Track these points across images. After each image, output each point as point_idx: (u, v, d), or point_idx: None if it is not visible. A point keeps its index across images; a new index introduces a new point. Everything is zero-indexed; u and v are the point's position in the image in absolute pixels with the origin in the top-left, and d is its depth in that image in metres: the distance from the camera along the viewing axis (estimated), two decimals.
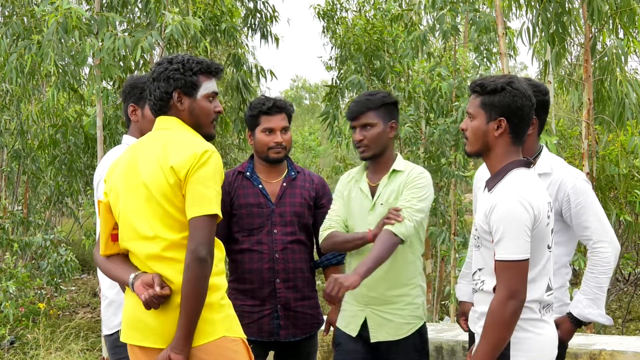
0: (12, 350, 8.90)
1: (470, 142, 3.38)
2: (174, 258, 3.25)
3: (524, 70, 33.82)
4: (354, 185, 4.36)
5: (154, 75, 3.46)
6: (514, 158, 3.32)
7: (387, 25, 11.40)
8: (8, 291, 9.28)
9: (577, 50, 12.20)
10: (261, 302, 4.52)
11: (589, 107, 7.70)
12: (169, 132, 3.42)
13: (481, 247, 3.34)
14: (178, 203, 3.25)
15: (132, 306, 3.38)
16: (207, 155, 3.26)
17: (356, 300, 4.28)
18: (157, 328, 3.29)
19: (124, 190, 3.40)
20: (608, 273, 3.83)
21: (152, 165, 3.32)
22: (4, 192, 13.67)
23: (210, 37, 10.68)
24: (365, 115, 4.21)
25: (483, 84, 3.33)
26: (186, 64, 3.43)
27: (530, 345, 3.26)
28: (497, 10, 7.75)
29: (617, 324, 10.53)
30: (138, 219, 3.34)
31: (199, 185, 3.22)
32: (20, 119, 11.75)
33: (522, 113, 3.29)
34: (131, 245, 3.38)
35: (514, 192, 3.20)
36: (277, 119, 4.55)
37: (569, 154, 10.24)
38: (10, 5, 10.77)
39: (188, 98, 3.43)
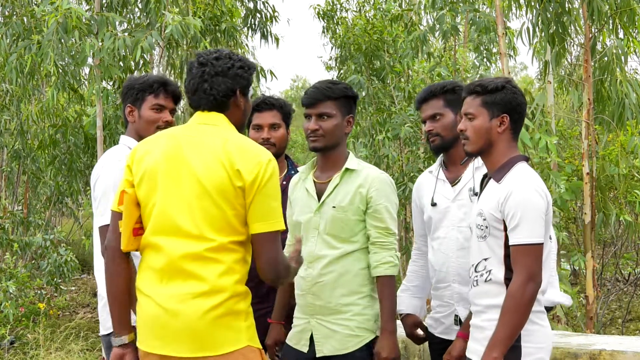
0: (12, 350, 8.90)
1: (473, 141, 3.48)
2: (216, 259, 3.14)
3: (524, 70, 33.85)
4: (301, 185, 4.08)
5: (218, 69, 3.32)
6: (516, 152, 3.48)
7: (387, 25, 11.42)
8: (8, 291, 9.28)
9: (577, 50, 12.20)
10: (261, 300, 4.28)
11: (589, 107, 7.70)
12: (221, 129, 3.30)
13: (488, 237, 3.40)
14: (238, 207, 3.16)
15: (153, 311, 3.18)
16: (272, 165, 3.21)
17: (302, 312, 3.99)
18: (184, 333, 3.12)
19: (166, 181, 3.22)
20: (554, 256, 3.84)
21: (210, 161, 3.18)
22: (4, 192, 13.66)
23: (210, 37, 10.69)
24: (324, 104, 3.92)
25: (483, 84, 3.47)
26: (247, 63, 3.39)
27: (539, 337, 3.36)
28: (497, 10, 7.75)
29: (617, 324, 10.53)
30: (181, 214, 3.17)
31: (269, 198, 3.17)
32: (20, 119, 11.76)
33: (521, 109, 3.49)
34: (163, 240, 3.20)
35: (528, 180, 3.36)
36: (265, 116, 4.46)
37: (569, 154, 10.25)
38: (10, 5, 10.77)
39: (244, 98, 3.38)
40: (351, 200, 3.88)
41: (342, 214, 3.88)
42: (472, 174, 3.91)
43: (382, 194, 3.90)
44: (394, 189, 4.01)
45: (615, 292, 11.39)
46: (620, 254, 12.02)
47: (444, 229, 3.98)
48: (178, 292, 3.13)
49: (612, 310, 11.37)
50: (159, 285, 3.18)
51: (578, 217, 11.19)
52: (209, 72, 3.32)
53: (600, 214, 8.29)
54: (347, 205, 3.88)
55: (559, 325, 7.83)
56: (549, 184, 6.99)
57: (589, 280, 7.71)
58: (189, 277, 3.13)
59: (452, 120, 3.91)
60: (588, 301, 7.70)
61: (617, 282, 12.04)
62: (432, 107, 3.97)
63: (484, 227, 3.42)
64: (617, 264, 12.06)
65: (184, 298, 3.11)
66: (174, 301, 3.12)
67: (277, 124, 4.47)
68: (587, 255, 7.71)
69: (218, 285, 3.12)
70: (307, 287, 3.94)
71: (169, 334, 3.13)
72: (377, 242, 3.88)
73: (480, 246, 3.45)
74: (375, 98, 11.15)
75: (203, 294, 3.11)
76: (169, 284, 3.16)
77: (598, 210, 8.24)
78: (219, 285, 3.12)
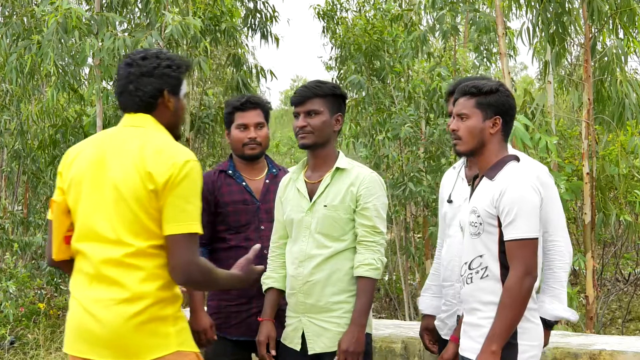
0: (12, 350, 8.89)
1: (465, 141, 3.53)
2: (135, 265, 3.07)
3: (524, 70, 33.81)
4: (291, 185, 4.12)
5: (143, 70, 3.23)
6: (506, 153, 3.56)
7: (387, 25, 11.40)
8: (8, 291, 9.28)
9: (577, 51, 12.19)
10: (248, 301, 4.34)
11: (589, 107, 7.70)
12: (144, 131, 3.21)
13: (482, 234, 3.42)
14: (152, 211, 3.06)
15: (79, 314, 3.14)
16: (189, 166, 3.09)
17: (293, 311, 4.05)
18: (108, 340, 3.07)
19: (88, 187, 3.17)
20: (565, 268, 3.82)
21: (127, 166, 3.10)
22: (4, 192, 13.66)
23: (210, 37, 10.69)
24: (312, 102, 3.95)
25: (477, 85, 3.53)
26: (175, 62, 3.29)
27: (533, 335, 3.41)
28: (497, 10, 7.75)
29: (617, 324, 10.53)
30: (100, 219, 3.11)
31: (180, 200, 3.06)
32: (20, 119, 11.75)
33: (512, 112, 3.58)
34: (85, 246, 3.15)
35: (522, 177, 3.42)
36: (250, 115, 4.42)
37: (569, 154, 10.25)
38: (10, 6, 10.78)
39: (174, 97, 3.28)
40: (342, 199, 3.92)
41: (333, 212, 3.93)
42: None
43: (371, 193, 3.94)
44: (384, 189, 4.03)
45: (615, 292, 11.39)
46: (620, 254, 12.04)
47: (454, 227, 3.98)
48: (102, 297, 3.08)
49: (612, 310, 11.37)
50: (87, 289, 3.14)
51: (578, 217, 11.19)
52: (135, 73, 3.24)
53: (600, 214, 8.30)
54: (338, 204, 3.92)
55: (559, 325, 7.83)
56: None
57: (589, 280, 7.71)
58: (111, 283, 3.08)
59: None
60: (588, 301, 7.70)
61: (617, 282, 12.03)
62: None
63: (477, 224, 3.44)
64: (617, 264, 12.07)
65: (108, 304, 3.06)
66: (99, 306, 3.08)
67: (262, 123, 4.45)
68: (587, 255, 7.71)
69: (139, 291, 3.05)
70: (298, 286, 3.99)
71: (94, 339, 3.09)
72: (363, 242, 3.91)
73: (474, 243, 3.46)
74: (375, 98, 11.13)
75: (125, 300, 3.05)
76: (95, 288, 3.11)
77: (598, 210, 8.25)
78: (140, 292, 3.06)
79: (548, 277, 3.80)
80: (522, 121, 6.43)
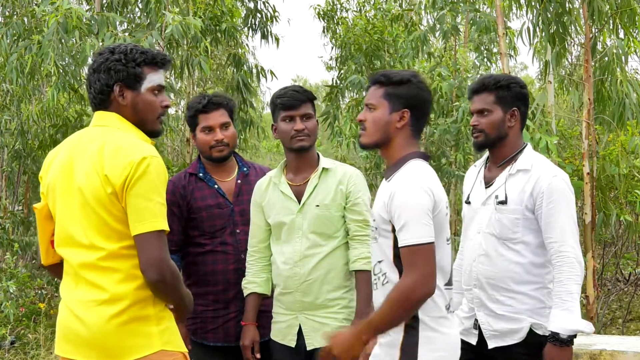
0: (13, 350, 8.89)
1: (369, 133, 3.32)
2: (111, 267, 3.03)
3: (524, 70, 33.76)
4: (273, 188, 4.16)
5: (94, 66, 3.17)
6: (413, 150, 3.31)
7: (387, 25, 11.41)
8: (8, 291, 9.27)
9: (578, 50, 12.21)
10: (225, 306, 4.31)
11: (589, 107, 7.70)
12: (107, 130, 3.14)
13: (379, 239, 3.26)
14: (117, 212, 3.01)
15: (66, 316, 3.14)
16: (145, 163, 3.00)
17: (288, 309, 4.09)
18: (92, 340, 3.06)
19: (60, 192, 3.14)
20: (576, 279, 3.64)
21: (88, 169, 3.06)
22: (5, 192, 13.66)
23: (211, 37, 10.69)
24: (306, 105, 4.06)
25: (387, 74, 3.33)
26: (129, 54, 3.15)
27: (438, 344, 3.21)
28: (498, 10, 7.76)
29: (618, 324, 10.52)
30: (73, 224, 3.09)
31: (140, 198, 2.99)
32: (20, 119, 11.74)
33: (424, 106, 3.32)
34: (65, 251, 3.15)
35: (413, 179, 3.17)
36: (215, 116, 4.31)
37: (569, 154, 10.24)
38: (11, 6, 10.78)
39: (131, 92, 3.15)
40: (333, 197, 4.04)
41: (326, 211, 4.04)
42: (504, 180, 3.85)
43: (359, 189, 4.09)
44: (365, 185, 4.16)
45: (615, 292, 11.38)
46: (620, 254, 12.02)
47: (472, 230, 3.96)
48: (85, 298, 3.07)
49: (613, 310, 11.36)
50: (72, 291, 3.14)
51: (578, 217, 11.16)
52: (89, 70, 3.21)
53: (601, 214, 8.29)
54: (330, 202, 4.04)
55: None
56: None
57: (590, 280, 7.71)
58: (92, 286, 3.06)
59: (500, 118, 3.84)
60: (588, 301, 7.69)
61: (617, 282, 12.02)
62: (482, 101, 3.88)
63: (374, 228, 3.31)
64: (617, 264, 12.05)
65: (89, 305, 3.05)
66: (82, 308, 3.07)
67: (227, 123, 4.36)
68: (588, 255, 7.70)
69: (117, 293, 3.03)
70: (295, 286, 4.05)
71: (79, 340, 3.08)
72: (356, 237, 4.03)
73: (374, 248, 3.33)
74: None
75: (105, 301, 3.03)
76: (79, 290, 3.10)
77: (598, 210, 8.24)
78: (118, 293, 3.03)
79: (558, 289, 3.65)
80: None
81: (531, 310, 3.78)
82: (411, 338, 3.20)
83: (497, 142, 3.88)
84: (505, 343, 3.82)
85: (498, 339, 3.84)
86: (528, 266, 3.79)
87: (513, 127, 3.88)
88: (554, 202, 3.71)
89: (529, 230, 3.77)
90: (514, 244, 3.79)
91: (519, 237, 3.78)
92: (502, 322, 3.82)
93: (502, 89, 3.86)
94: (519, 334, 3.78)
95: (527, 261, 3.79)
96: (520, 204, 3.77)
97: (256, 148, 20.18)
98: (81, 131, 3.29)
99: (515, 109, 3.86)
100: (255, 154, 20.55)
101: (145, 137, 3.21)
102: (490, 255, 3.84)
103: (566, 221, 3.71)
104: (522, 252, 3.79)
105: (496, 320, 3.83)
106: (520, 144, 3.93)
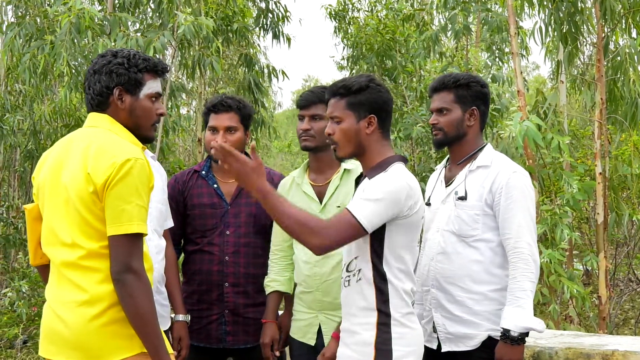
0: (25, 349, 8.93)
1: (342, 145, 3.35)
2: (91, 267, 3.01)
3: (536, 69, 33.72)
4: (296, 188, 4.18)
5: (95, 67, 3.19)
6: (390, 152, 3.37)
7: (399, 25, 11.40)
8: (21, 291, 9.30)
9: (590, 50, 12.17)
10: (208, 307, 4.33)
11: (602, 106, 7.68)
12: (96, 131, 3.15)
13: None
14: (98, 212, 3.00)
15: (49, 317, 3.13)
16: (128, 165, 2.98)
17: (309, 307, 4.12)
18: (73, 342, 3.02)
19: (49, 192, 3.15)
20: (530, 276, 3.61)
21: (74, 167, 3.06)
22: (17, 192, 13.72)
23: (222, 37, 10.70)
24: (317, 106, 4.04)
25: (346, 85, 3.35)
26: (132, 60, 3.19)
27: (410, 339, 3.26)
28: (510, 9, 7.73)
29: (630, 324, 10.50)
30: (58, 223, 3.09)
31: (119, 200, 2.97)
32: (33, 119, 11.78)
33: (387, 107, 3.38)
34: (49, 250, 3.15)
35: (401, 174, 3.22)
36: (222, 118, 4.29)
37: (581, 154, 10.23)
38: (24, 6, 10.81)
39: (130, 96, 3.18)
40: None
41: None
42: (464, 177, 3.84)
43: None
44: None
45: (628, 292, 11.36)
46: (633, 254, 11.98)
47: (431, 231, 3.93)
48: (66, 299, 3.05)
49: (625, 311, 11.34)
50: (55, 291, 3.13)
51: (591, 217, 11.17)
52: (89, 71, 3.22)
53: (613, 213, 8.28)
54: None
55: (571, 326, 7.82)
56: (561, 184, 6.98)
57: (602, 281, 7.69)
58: (73, 286, 3.04)
59: (459, 117, 3.84)
60: (601, 301, 7.68)
61: (630, 283, 11.99)
62: (441, 100, 3.89)
63: None
64: (630, 264, 12.01)
65: (71, 306, 3.03)
66: (64, 308, 3.06)
67: (234, 127, 4.31)
68: (600, 256, 7.69)
69: (97, 293, 3.00)
70: (315, 285, 4.05)
71: (62, 341, 3.06)
72: None
73: (350, 245, 3.32)
74: None
75: (85, 302, 3.01)
76: (61, 290, 3.09)
77: (611, 210, 8.23)
78: (98, 294, 3.00)
79: (512, 286, 3.62)
80: (535, 121, 6.42)
81: (489, 312, 3.73)
82: (384, 335, 3.23)
83: (455, 140, 3.88)
84: (458, 348, 3.78)
85: (452, 343, 3.80)
86: (487, 265, 3.75)
87: (472, 126, 3.87)
88: (512, 198, 3.69)
89: (488, 228, 3.75)
90: (473, 241, 3.76)
91: (479, 234, 3.75)
92: (458, 326, 3.77)
93: (462, 88, 3.85)
94: (474, 340, 3.74)
95: (486, 260, 3.75)
96: (479, 200, 3.75)
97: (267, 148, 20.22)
98: (73, 132, 3.29)
99: (474, 108, 3.85)
100: (267, 154, 20.59)
101: (135, 140, 3.21)
102: (448, 253, 3.80)
103: (523, 218, 3.68)
104: (481, 250, 3.75)
105: (452, 322, 3.79)
106: (480, 142, 3.92)
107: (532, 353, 4.57)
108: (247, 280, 4.33)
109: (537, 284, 3.75)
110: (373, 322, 3.23)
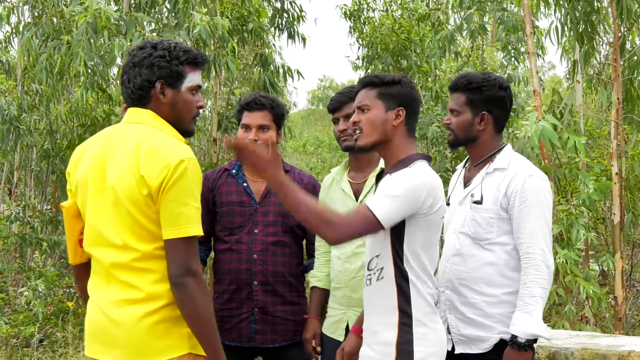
0: (42, 348, 8.96)
1: (368, 133, 3.33)
2: (146, 268, 2.99)
3: (552, 69, 33.62)
4: (335, 186, 4.22)
5: (135, 60, 3.11)
6: (414, 149, 3.35)
7: (414, 24, 11.39)
8: (37, 290, 9.33)
9: (606, 50, 12.10)
10: (239, 305, 4.32)
11: (618, 106, 7.65)
12: (142, 128, 3.08)
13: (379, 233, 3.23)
14: (152, 214, 2.96)
15: (95, 315, 3.10)
16: (183, 166, 2.94)
17: (338, 303, 4.16)
18: (122, 340, 3.00)
19: (92, 190, 3.09)
20: (541, 283, 3.57)
21: (123, 167, 3.00)
22: (34, 191, 13.78)
23: (238, 37, 10.71)
24: (349, 106, 3.98)
25: (379, 76, 3.37)
26: (172, 52, 3.10)
27: (432, 340, 3.23)
28: (526, 9, 7.71)
29: None
30: (105, 224, 3.03)
31: (175, 203, 2.93)
32: (49, 118, 11.84)
33: (416, 106, 3.37)
34: (95, 251, 3.09)
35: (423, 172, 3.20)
36: (255, 116, 4.28)
37: (597, 153, 10.18)
38: (40, 6, 10.86)
39: (172, 90, 3.11)
40: None
41: None
42: (481, 179, 3.80)
43: None
44: None
45: None
46: None
47: (449, 232, 3.92)
48: (117, 298, 3.02)
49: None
50: (103, 290, 3.09)
51: (607, 217, 11.11)
52: (129, 64, 3.14)
53: (629, 214, 8.24)
54: None
55: (587, 327, 7.79)
56: (577, 184, 6.96)
57: (618, 281, 7.66)
58: (126, 286, 3.01)
59: (468, 121, 3.79)
60: (617, 302, 7.65)
61: None
62: (454, 101, 3.85)
63: None
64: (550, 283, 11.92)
65: (121, 304, 3.00)
66: (113, 307, 3.02)
67: (267, 126, 4.30)
68: (616, 256, 7.66)
69: (153, 292, 2.98)
70: (345, 281, 4.10)
71: (109, 340, 3.03)
72: None
73: (370, 243, 3.33)
74: None
75: (138, 300, 2.98)
76: (110, 289, 3.05)
77: (627, 210, 8.20)
78: (154, 293, 2.98)
79: (522, 292, 3.58)
80: (551, 121, 6.39)
81: (502, 315, 3.69)
82: (406, 335, 3.21)
83: (467, 142, 3.85)
84: (471, 350, 3.76)
85: (465, 345, 3.78)
86: (502, 268, 3.71)
87: (484, 130, 3.81)
88: (526, 203, 3.64)
89: (503, 231, 3.70)
90: (488, 244, 3.72)
91: (493, 237, 3.71)
92: (471, 328, 3.75)
93: (473, 92, 3.79)
94: (486, 343, 3.71)
95: (501, 262, 3.71)
96: (495, 204, 3.70)
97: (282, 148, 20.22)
98: (112, 127, 3.23)
99: (484, 113, 3.78)
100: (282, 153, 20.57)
101: (179, 136, 3.16)
102: (463, 255, 3.78)
103: (537, 222, 3.63)
104: (496, 253, 3.71)
105: (465, 325, 3.77)
106: (498, 144, 3.86)
107: (548, 354, 4.56)
108: (276, 279, 4.32)
109: (551, 286, 3.71)
110: (395, 322, 3.22)
